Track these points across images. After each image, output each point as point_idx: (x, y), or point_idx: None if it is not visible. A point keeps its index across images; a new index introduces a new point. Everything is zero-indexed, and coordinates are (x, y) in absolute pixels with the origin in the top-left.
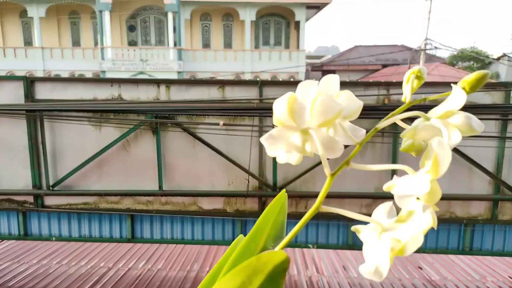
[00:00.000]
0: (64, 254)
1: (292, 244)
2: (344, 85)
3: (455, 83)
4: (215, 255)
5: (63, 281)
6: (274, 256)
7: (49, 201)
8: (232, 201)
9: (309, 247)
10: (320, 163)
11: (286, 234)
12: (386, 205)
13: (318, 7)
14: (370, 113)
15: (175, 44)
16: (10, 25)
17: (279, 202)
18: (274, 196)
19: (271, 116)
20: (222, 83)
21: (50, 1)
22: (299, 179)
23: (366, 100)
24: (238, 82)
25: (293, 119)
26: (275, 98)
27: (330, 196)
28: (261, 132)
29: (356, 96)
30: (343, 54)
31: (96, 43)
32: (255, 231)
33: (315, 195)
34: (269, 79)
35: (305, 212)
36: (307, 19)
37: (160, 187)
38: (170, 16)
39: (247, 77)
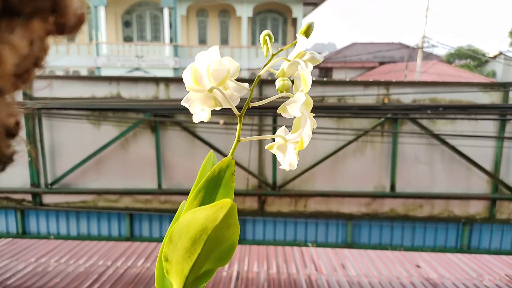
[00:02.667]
0: (62, 252)
1: (291, 243)
2: (343, 84)
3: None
4: None
5: (62, 279)
6: (224, 163)
7: (48, 199)
8: None
9: (308, 246)
10: (318, 162)
11: (284, 234)
12: (282, 128)
13: (315, 4)
14: (370, 112)
15: (171, 40)
16: None
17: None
18: (274, 195)
19: (271, 115)
20: None
21: None
22: (298, 178)
23: (366, 99)
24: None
25: (198, 84)
26: (275, 97)
27: (330, 195)
28: (261, 131)
29: (356, 95)
30: (340, 51)
31: (91, 39)
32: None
33: (314, 194)
34: (266, 76)
35: (304, 211)
36: (304, 16)
37: (159, 185)
38: (166, 12)
39: (244, 73)
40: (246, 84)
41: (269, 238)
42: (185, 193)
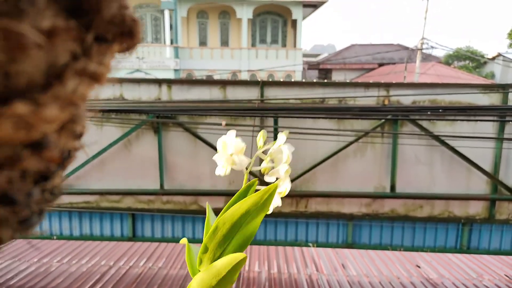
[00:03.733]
0: (65, 252)
1: (292, 243)
2: (344, 86)
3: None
4: None
5: (65, 279)
6: (250, 183)
7: None
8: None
9: (309, 246)
10: (319, 163)
11: (285, 234)
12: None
13: (315, 6)
14: (370, 113)
15: (171, 42)
16: None
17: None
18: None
19: (272, 116)
20: (223, 83)
21: None
22: (299, 179)
23: (366, 101)
24: (239, 83)
25: (224, 151)
26: (276, 99)
27: (330, 195)
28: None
29: (357, 97)
30: (339, 52)
31: None
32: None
33: (315, 195)
34: (266, 78)
35: (306, 211)
36: (304, 18)
37: (162, 186)
38: (166, 13)
39: (244, 75)
40: (249, 160)
41: (270, 238)
42: (187, 193)
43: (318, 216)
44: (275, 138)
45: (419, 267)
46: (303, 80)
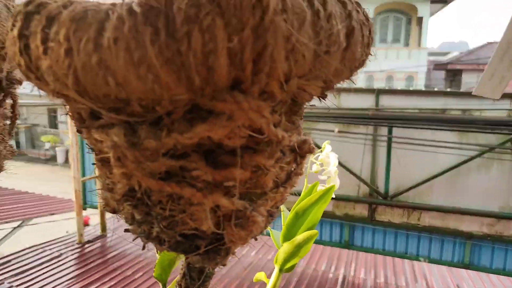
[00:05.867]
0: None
1: (401, 255)
2: (469, 96)
3: None
4: (321, 255)
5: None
6: (314, 184)
7: None
8: (341, 204)
9: (420, 260)
10: (436, 176)
11: (394, 245)
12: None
13: (445, 1)
14: (498, 128)
15: None
16: None
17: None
18: (385, 204)
19: (387, 125)
20: (337, 90)
21: None
22: (412, 190)
23: (493, 113)
24: (354, 90)
25: None
26: (391, 108)
27: (447, 211)
28: (375, 141)
29: (483, 109)
30: (473, 51)
31: None
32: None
33: (430, 208)
34: (384, 79)
35: (418, 224)
36: (431, 14)
37: None
38: None
39: (361, 76)
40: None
41: (378, 247)
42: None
43: (431, 230)
44: (389, 147)
45: None
46: (427, 82)
